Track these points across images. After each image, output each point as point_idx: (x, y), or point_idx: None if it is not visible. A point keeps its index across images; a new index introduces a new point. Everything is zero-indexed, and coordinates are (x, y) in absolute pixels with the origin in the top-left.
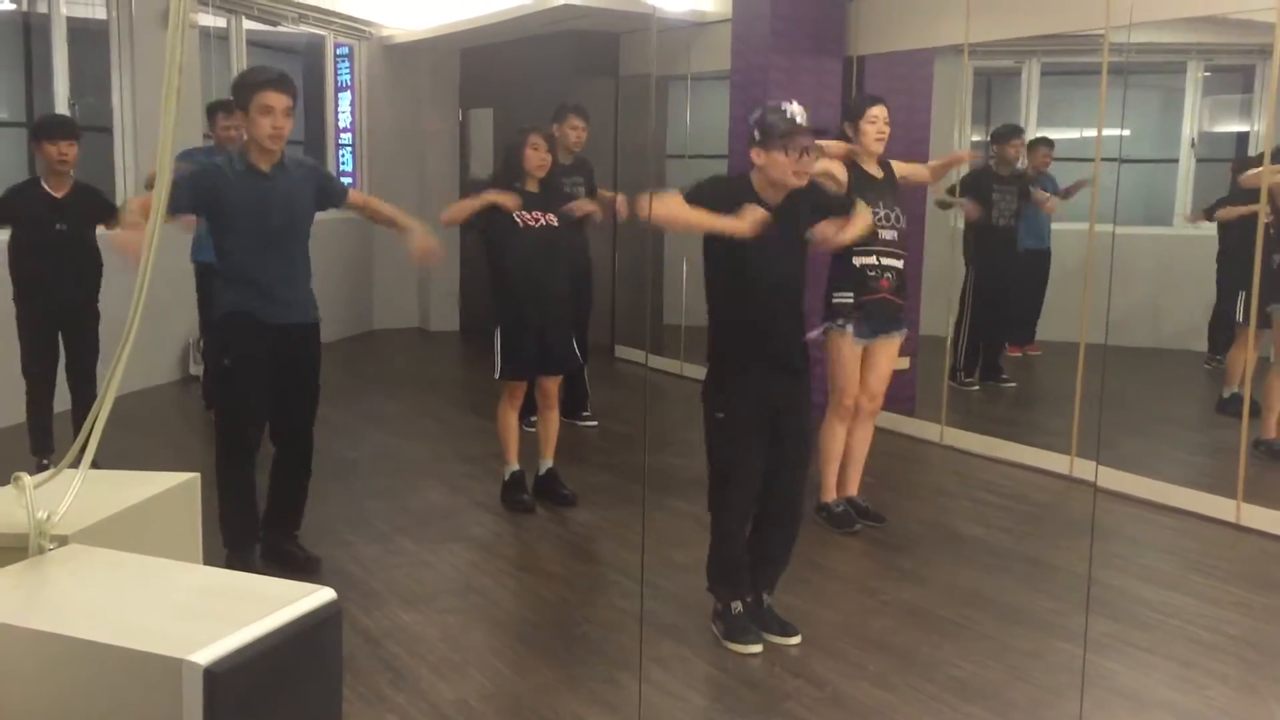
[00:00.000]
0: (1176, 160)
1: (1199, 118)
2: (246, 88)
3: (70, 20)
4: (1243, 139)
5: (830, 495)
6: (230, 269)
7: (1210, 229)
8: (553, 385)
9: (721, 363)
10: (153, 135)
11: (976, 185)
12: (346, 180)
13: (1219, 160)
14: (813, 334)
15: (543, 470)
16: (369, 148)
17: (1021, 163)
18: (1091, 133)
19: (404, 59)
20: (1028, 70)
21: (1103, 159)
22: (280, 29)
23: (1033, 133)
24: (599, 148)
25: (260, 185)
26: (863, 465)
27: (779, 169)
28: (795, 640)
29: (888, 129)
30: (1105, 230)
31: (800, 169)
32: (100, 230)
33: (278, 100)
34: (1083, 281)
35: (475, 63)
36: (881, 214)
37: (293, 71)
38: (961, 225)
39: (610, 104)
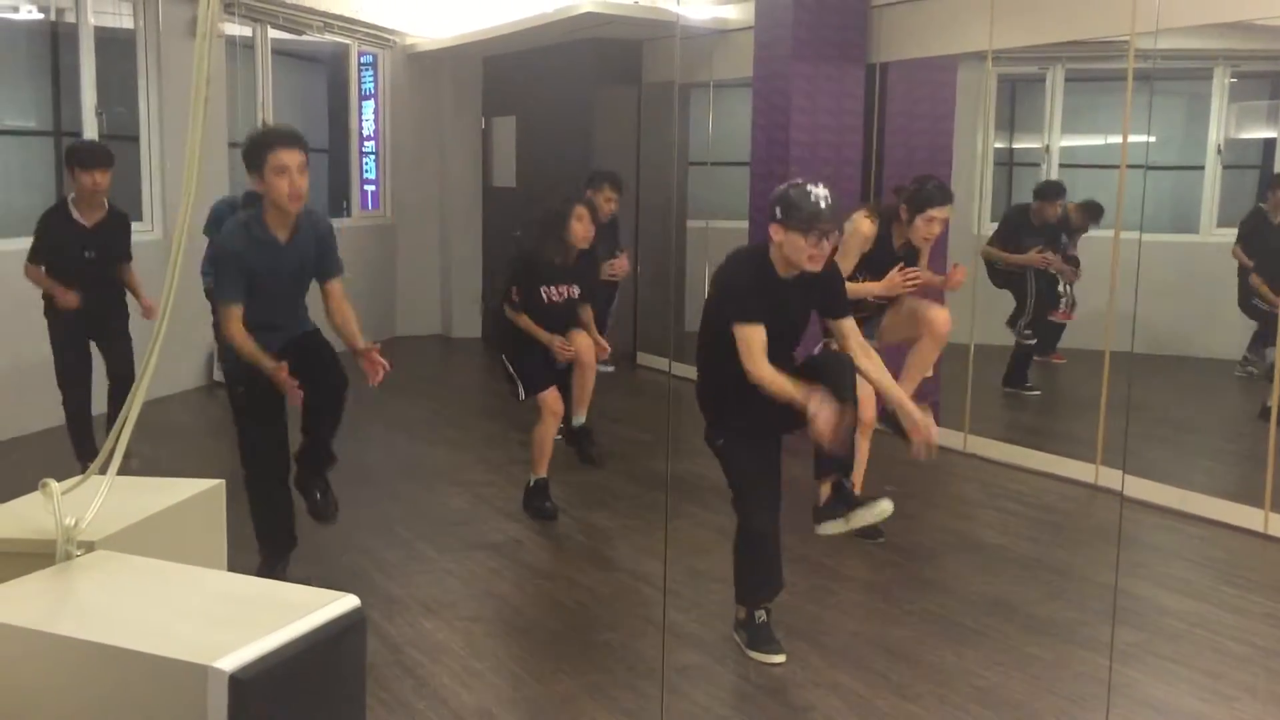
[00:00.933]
0: (1203, 167)
1: (1226, 124)
2: (258, 149)
3: (98, 30)
4: (1270, 145)
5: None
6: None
7: (1234, 236)
8: (584, 342)
9: (714, 413)
10: (179, 144)
11: (1011, 225)
12: (369, 188)
13: (1246, 167)
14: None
15: (575, 424)
16: (392, 155)
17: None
18: (1116, 139)
19: (427, 67)
20: (1052, 77)
21: (1128, 166)
22: (305, 38)
23: (1056, 140)
24: (621, 155)
25: (277, 255)
26: (863, 471)
27: (796, 252)
28: (780, 659)
29: (940, 230)
30: (1130, 237)
31: (817, 254)
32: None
33: (291, 158)
34: (1108, 289)
35: (498, 71)
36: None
37: (317, 80)
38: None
39: (632, 111)
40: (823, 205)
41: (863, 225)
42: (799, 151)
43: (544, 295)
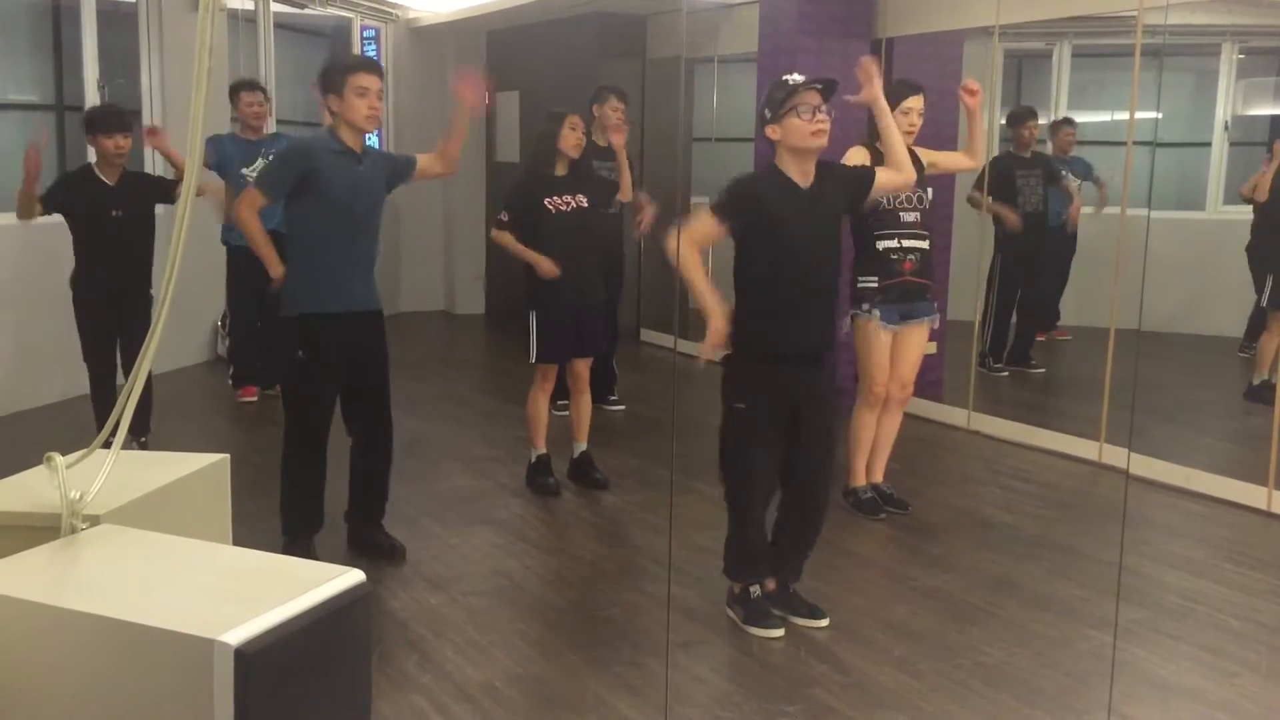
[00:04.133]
0: (1209, 144)
1: (1233, 100)
2: (340, 71)
3: (100, 3)
4: (1277, 122)
5: (859, 480)
6: (308, 258)
7: (1243, 213)
8: (584, 368)
9: (747, 351)
10: (182, 118)
11: (1000, 172)
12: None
13: (1253, 144)
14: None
15: (576, 454)
16: (395, 130)
17: (1047, 146)
18: (1122, 115)
19: (430, 41)
20: (1058, 52)
21: (1135, 142)
22: (307, 11)
23: (1063, 115)
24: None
25: (354, 168)
26: (889, 452)
27: (797, 134)
28: (823, 623)
29: (920, 121)
30: (1137, 214)
31: (818, 128)
32: (160, 211)
33: (372, 82)
34: (1114, 266)
35: (502, 45)
36: (902, 196)
37: (319, 54)
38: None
39: (637, 86)
40: (799, 77)
41: (856, 154)
42: None
43: (549, 207)
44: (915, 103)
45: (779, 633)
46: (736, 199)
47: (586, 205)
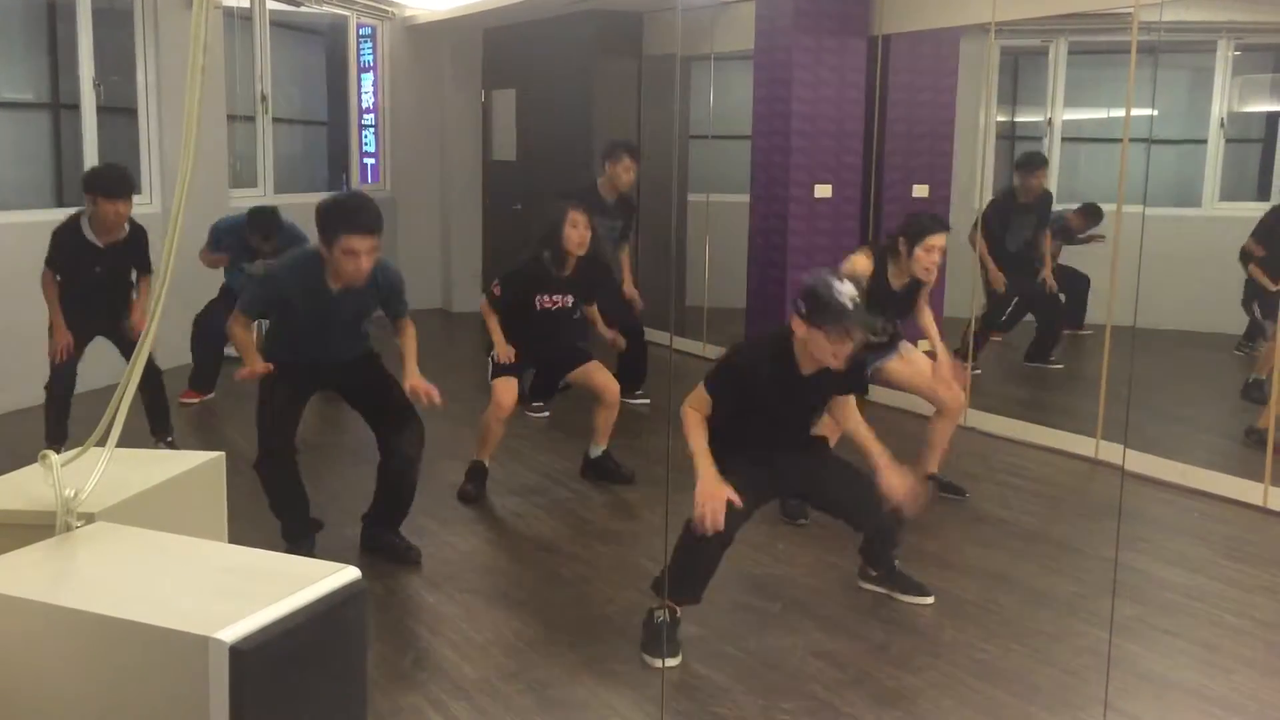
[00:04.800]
0: (1205, 141)
1: (1229, 97)
2: (333, 222)
3: (95, 1)
4: (1273, 119)
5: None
6: (284, 343)
7: (1237, 210)
8: (599, 375)
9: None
10: (177, 116)
11: (997, 213)
12: (369, 161)
13: (1249, 141)
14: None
15: (593, 455)
16: (391, 128)
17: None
18: (1119, 112)
19: (426, 39)
20: (1055, 49)
21: (1131, 139)
22: (303, 9)
23: (1059, 113)
24: (621, 128)
25: (328, 301)
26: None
27: (817, 349)
28: (929, 600)
29: (939, 261)
30: (1132, 211)
31: (841, 353)
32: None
33: (364, 244)
34: (1109, 263)
35: (498, 43)
36: (880, 324)
37: (315, 52)
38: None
39: (633, 84)
40: (849, 305)
41: (858, 264)
42: (800, 125)
43: (537, 303)
44: (941, 241)
45: (675, 661)
46: (743, 367)
47: (571, 303)
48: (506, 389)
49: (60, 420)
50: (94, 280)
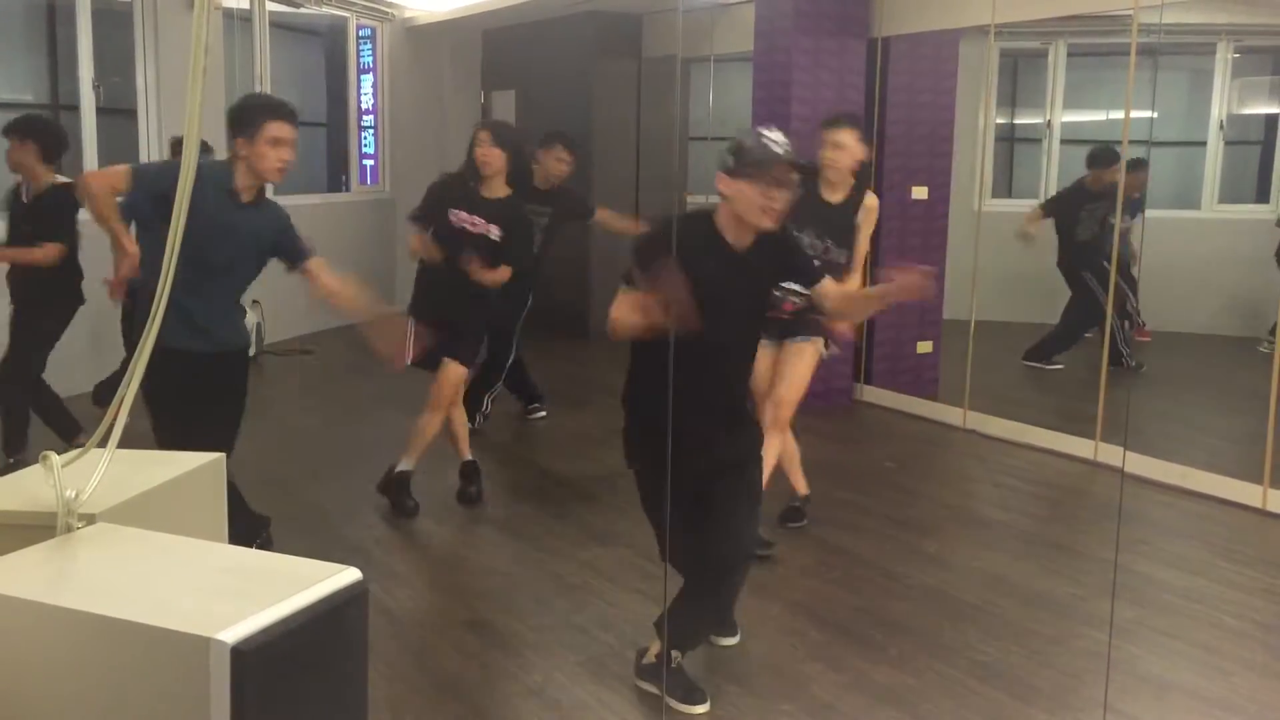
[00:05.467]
0: (1205, 143)
1: (1228, 99)
2: (254, 112)
3: (95, 2)
4: (1272, 121)
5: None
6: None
7: (1236, 213)
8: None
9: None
10: (176, 116)
11: (1068, 201)
12: (368, 162)
13: (1249, 143)
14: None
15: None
16: (391, 130)
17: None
18: (1118, 114)
19: (426, 41)
20: (1054, 51)
21: (1131, 141)
22: (303, 10)
23: (1058, 115)
24: (621, 130)
25: (234, 212)
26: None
27: (746, 204)
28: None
29: (854, 159)
30: None
31: (770, 207)
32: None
33: (286, 132)
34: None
35: (498, 44)
36: (808, 241)
37: (315, 53)
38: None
39: (632, 86)
40: (779, 151)
41: (873, 200)
42: (800, 126)
43: (453, 218)
44: (847, 137)
45: (704, 708)
46: (661, 239)
47: (497, 237)
48: (457, 374)
49: (20, 428)
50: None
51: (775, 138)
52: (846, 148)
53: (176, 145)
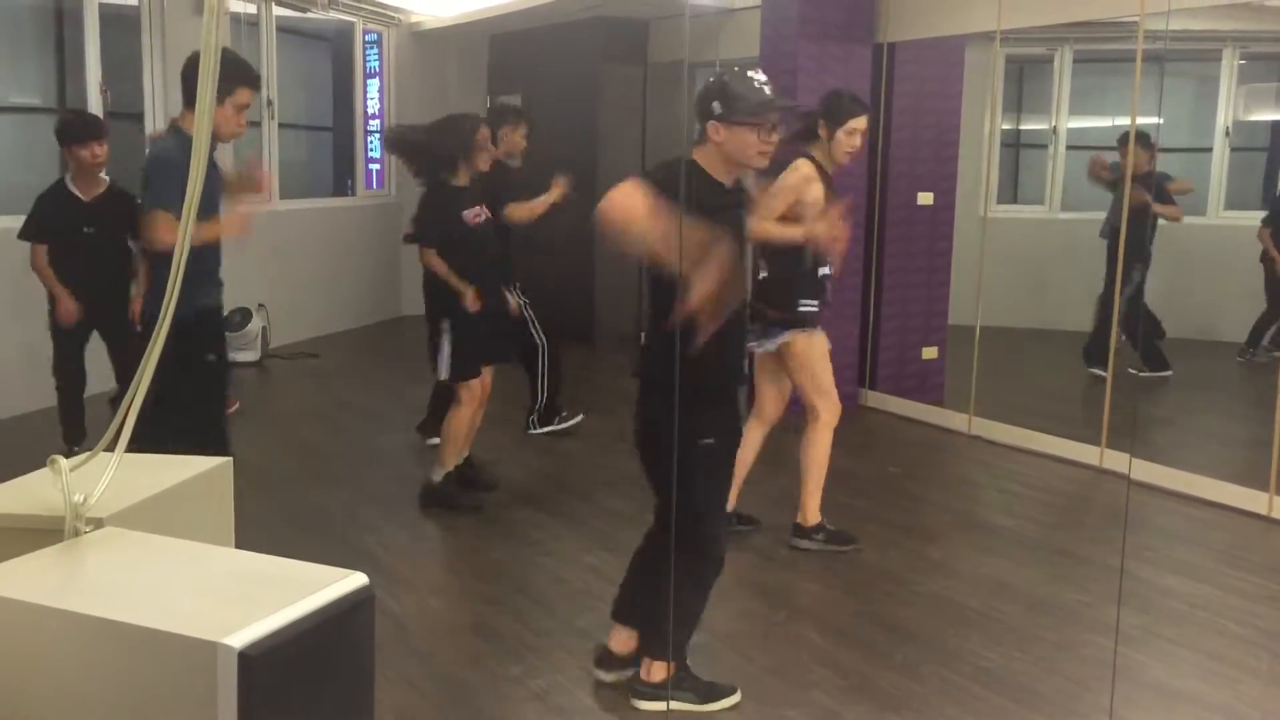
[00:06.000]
0: (1210, 149)
1: (1234, 106)
2: (225, 79)
3: (102, 6)
4: (1278, 127)
5: (818, 516)
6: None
7: (1242, 219)
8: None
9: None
10: None
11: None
12: (374, 167)
13: (1254, 149)
14: (770, 344)
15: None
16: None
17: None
18: (1124, 121)
19: (433, 45)
20: (1060, 58)
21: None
22: (310, 15)
23: (1064, 121)
24: (626, 134)
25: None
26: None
27: (744, 149)
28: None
29: (863, 143)
30: None
31: (767, 149)
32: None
33: (248, 97)
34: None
35: (504, 49)
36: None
37: (322, 58)
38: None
39: (638, 91)
40: (769, 91)
41: (803, 166)
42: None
43: (469, 219)
44: (863, 124)
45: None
46: (665, 184)
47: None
48: (477, 386)
49: (75, 417)
50: (83, 243)
51: (761, 78)
52: (859, 133)
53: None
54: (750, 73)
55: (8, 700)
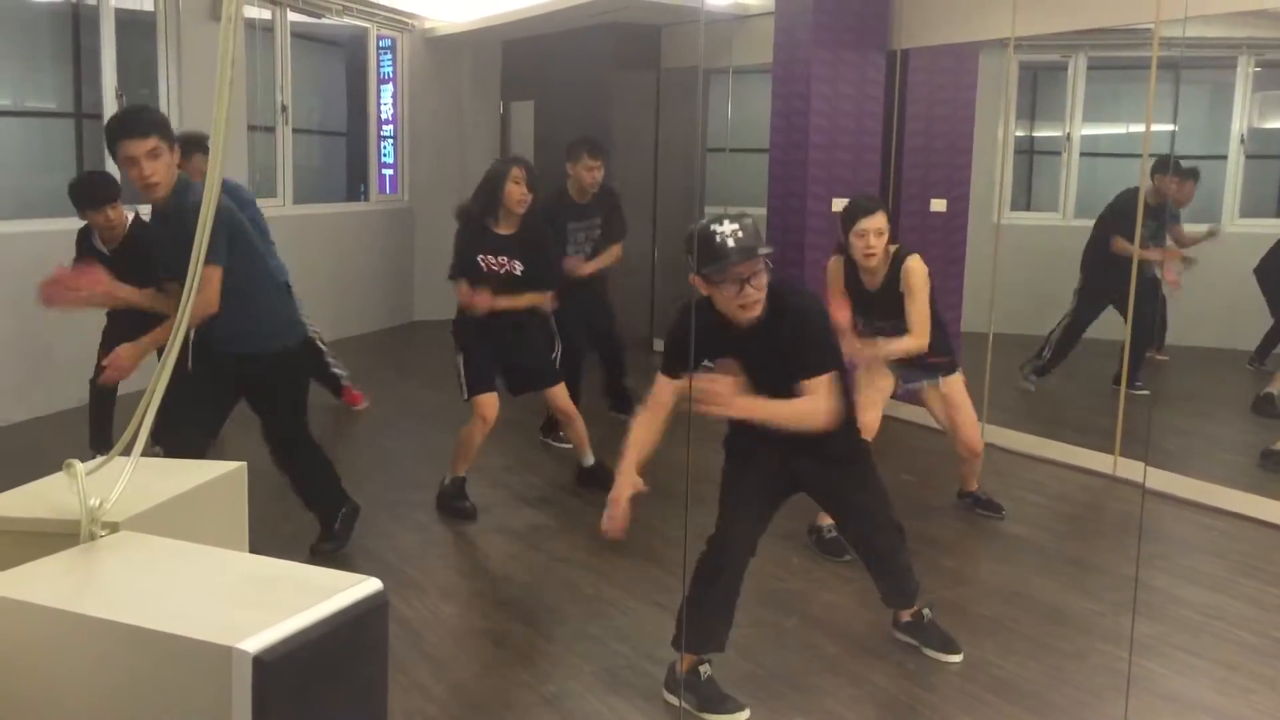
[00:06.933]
0: (1226, 157)
1: (1249, 113)
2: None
3: (118, 12)
4: None
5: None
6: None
7: (1257, 227)
8: (560, 400)
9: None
10: (198, 127)
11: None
12: (387, 172)
13: (1270, 157)
14: (917, 384)
15: (588, 464)
16: (410, 140)
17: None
18: (1138, 128)
19: (446, 51)
20: (1074, 64)
21: (1151, 155)
22: (324, 21)
23: (1078, 128)
24: (639, 141)
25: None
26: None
27: (726, 303)
28: (956, 659)
29: (881, 241)
30: None
31: (748, 301)
32: None
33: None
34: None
35: (517, 55)
36: (877, 325)
37: (335, 63)
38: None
39: (651, 97)
40: (730, 244)
41: (834, 266)
42: (818, 138)
43: (481, 264)
44: (872, 223)
45: (745, 714)
46: (683, 341)
47: (520, 272)
48: (489, 403)
49: (104, 434)
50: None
51: (725, 230)
52: (883, 231)
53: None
54: (715, 226)
55: (24, 703)
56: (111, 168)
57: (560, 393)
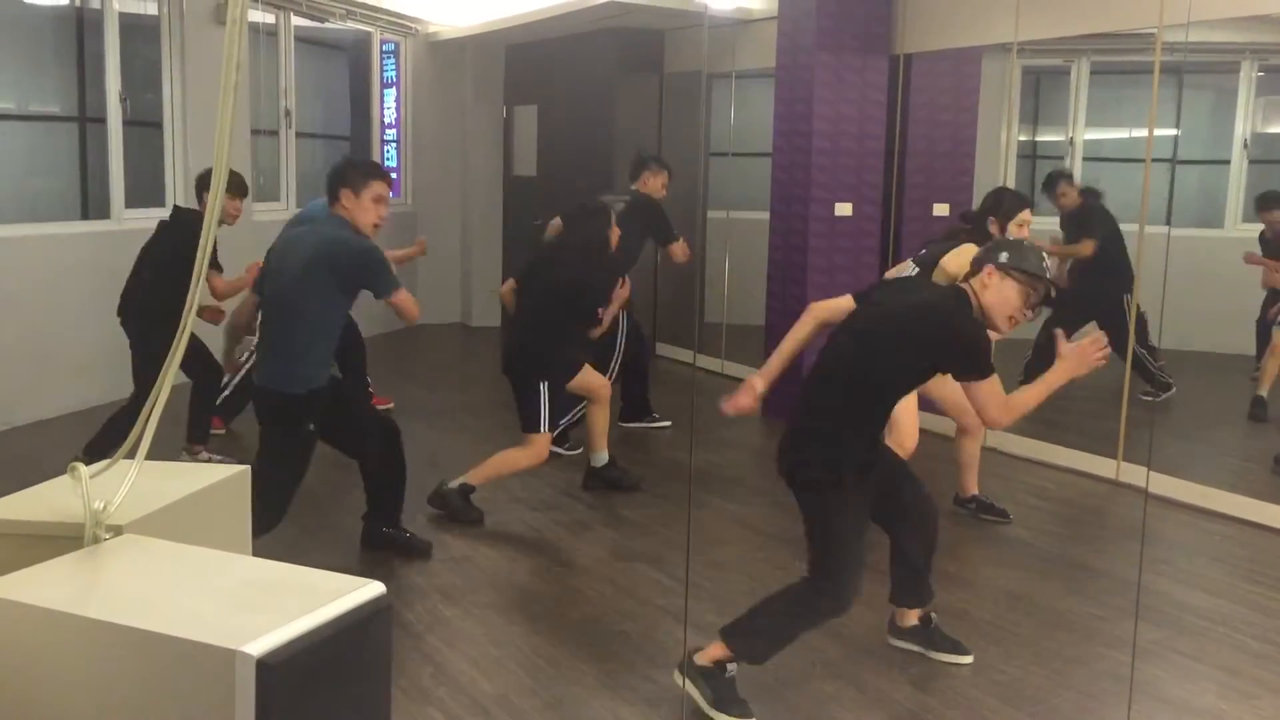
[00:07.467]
0: (1229, 161)
1: (1253, 118)
2: (362, 174)
3: (122, 16)
4: None
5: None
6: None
7: (1259, 231)
8: (591, 376)
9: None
10: (202, 131)
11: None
12: (391, 175)
13: (1273, 162)
14: None
15: (599, 463)
16: (414, 144)
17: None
18: (1141, 132)
19: (449, 55)
20: (1077, 69)
21: (1154, 159)
22: (328, 25)
23: (1081, 133)
24: (642, 145)
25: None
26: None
27: (1007, 305)
28: (967, 660)
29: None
30: (1156, 232)
31: (1018, 318)
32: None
33: (385, 190)
34: (1133, 284)
35: (520, 59)
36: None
37: (339, 67)
38: None
39: (654, 101)
40: (1048, 273)
41: (967, 251)
42: (821, 143)
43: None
44: (1029, 216)
45: None
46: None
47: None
48: (548, 444)
49: (117, 436)
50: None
51: (1047, 260)
52: (1029, 225)
53: (202, 180)
54: (1043, 256)
55: (28, 705)
56: (127, 171)
57: (586, 370)
